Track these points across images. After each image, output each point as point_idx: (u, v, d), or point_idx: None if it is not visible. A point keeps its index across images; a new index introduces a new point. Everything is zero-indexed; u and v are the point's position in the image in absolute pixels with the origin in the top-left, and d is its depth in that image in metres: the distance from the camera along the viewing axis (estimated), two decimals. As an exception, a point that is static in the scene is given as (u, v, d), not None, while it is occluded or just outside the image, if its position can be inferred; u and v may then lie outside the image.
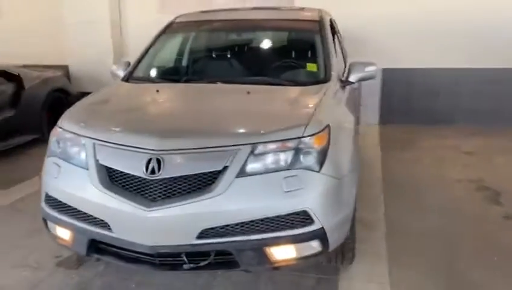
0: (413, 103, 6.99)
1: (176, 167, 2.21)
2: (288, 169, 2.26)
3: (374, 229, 3.45)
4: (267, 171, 2.25)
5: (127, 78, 3.34)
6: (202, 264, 2.26)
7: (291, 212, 2.24)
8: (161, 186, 2.21)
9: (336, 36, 4.09)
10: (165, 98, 2.98)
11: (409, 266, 2.93)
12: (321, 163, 2.33)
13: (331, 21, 4.06)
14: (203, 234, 2.19)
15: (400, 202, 3.93)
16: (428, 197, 4.07)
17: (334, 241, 2.43)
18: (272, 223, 2.23)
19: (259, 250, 2.24)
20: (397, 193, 4.14)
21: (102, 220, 2.29)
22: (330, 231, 2.36)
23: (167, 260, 2.27)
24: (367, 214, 3.65)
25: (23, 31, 7.71)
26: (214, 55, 3.79)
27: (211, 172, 2.20)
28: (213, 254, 2.25)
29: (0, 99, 5.39)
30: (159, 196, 2.20)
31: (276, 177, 2.24)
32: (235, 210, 2.19)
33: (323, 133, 2.41)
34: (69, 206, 2.41)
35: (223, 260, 2.27)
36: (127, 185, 2.26)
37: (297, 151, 2.31)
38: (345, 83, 3.25)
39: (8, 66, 5.70)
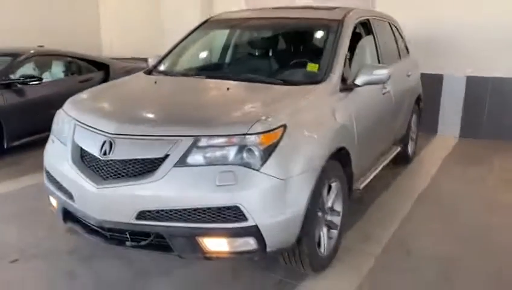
0: (503, 115, 6.21)
1: (125, 150, 2.41)
2: (225, 164, 2.30)
3: (371, 244, 3.25)
4: (207, 164, 2.32)
5: (150, 71, 3.64)
6: (142, 243, 2.42)
7: (222, 206, 2.28)
8: (111, 167, 2.43)
9: (375, 38, 3.90)
10: (151, 89, 3.19)
11: None
12: (263, 162, 2.32)
13: (367, 22, 3.88)
14: (141, 216, 2.35)
15: (422, 222, 3.62)
16: (461, 222, 3.66)
17: (274, 242, 2.40)
18: (204, 214, 2.30)
19: (191, 238, 2.33)
20: (428, 212, 3.81)
21: (70, 192, 2.60)
22: (267, 231, 2.34)
23: (115, 235, 2.48)
24: (376, 227, 3.46)
25: (131, 31, 8.76)
26: (225, 53, 3.90)
27: (154, 159, 2.35)
28: (153, 236, 2.40)
29: (89, 85, 6.22)
30: (110, 176, 2.43)
31: (211, 170, 2.30)
32: (169, 197, 2.31)
33: (272, 133, 2.38)
34: (54, 178, 2.77)
35: (160, 243, 2.40)
36: (89, 163, 2.53)
37: (240, 147, 2.33)
38: (350, 85, 3.11)
39: (99, 56, 6.52)
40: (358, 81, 3.13)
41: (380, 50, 3.97)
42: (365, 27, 3.90)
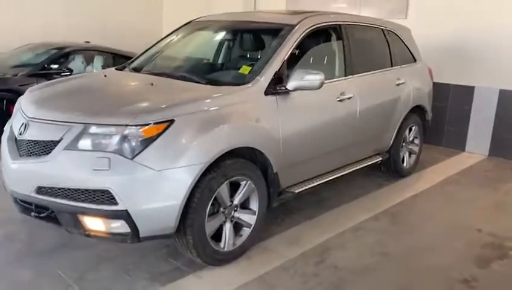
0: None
1: (33, 132, 2.75)
2: (105, 151, 2.53)
3: (293, 248, 3.26)
4: (93, 150, 2.57)
5: (122, 68, 3.98)
6: (42, 215, 2.74)
7: (96, 189, 2.51)
8: (24, 146, 2.78)
9: (344, 44, 3.85)
10: (94, 83, 3.47)
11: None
12: (137, 152, 2.51)
13: (335, 28, 3.84)
14: (39, 191, 2.66)
15: (361, 236, 3.51)
16: (405, 240, 3.49)
17: (147, 229, 2.58)
18: (83, 194, 2.55)
19: (73, 215, 2.59)
20: (377, 228, 3.67)
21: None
22: (138, 217, 2.53)
23: (25, 205, 2.83)
24: (311, 234, 3.45)
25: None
26: (179, 53, 4.08)
27: (51, 141, 2.66)
28: (50, 210, 2.70)
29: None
30: (24, 153, 2.78)
31: (92, 155, 2.54)
32: (58, 176, 2.59)
33: (153, 126, 2.56)
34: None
35: (55, 216, 2.70)
36: (14, 142, 2.91)
37: (122, 137, 2.54)
38: (279, 90, 3.16)
39: (130, 52, 7.08)
40: (289, 86, 3.16)
41: (350, 56, 3.88)
42: (330, 33, 3.85)
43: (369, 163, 4.27)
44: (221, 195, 2.83)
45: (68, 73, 6.18)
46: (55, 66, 6.32)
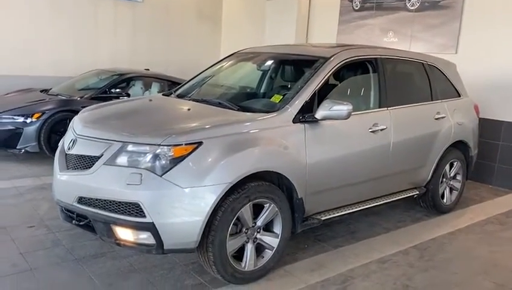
0: None
1: (79, 147, 3.07)
2: (137, 167, 2.78)
3: (313, 274, 3.31)
4: (128, 166, 2.83)
5: (169, 94, 4.29)
6: (81, 223, 3.02)
7: (128, 201, 2.76)
8: (71, 160, 3.11)
9: (379, 77, 3.93)
10: (139, 106, 3.78)
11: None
12: (167, 170, 2.73)
13: (371, 61, 3.94)
14: (80, 200, 2.95)
15: (386, 269, 3.49)
16: (430, 276, 3.42)
17: (170, 241, 2.77)
18: (116, 206, 2.80)
19: (107, 225, 2.84)
20: (403, 262, 3.64)
21: (55, 177, 3.36)
22: (163, 229, 2.73)
23: (68, 213, 3.12)
24: (335, 262, 3.49)
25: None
26: (221, 81, 4.33)
27: (93, 156, 2.95)
28: (88, 219, 2.98)
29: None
30: (70, 166, 3.11)
31: (127, 171, 2.79)
32: (96, 188, 2.87)
33: (182, 147, 2.78)
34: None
35: (92, 225, 2.96)
36: (64, 156, 3.24)
37: (154, 155, 2.79)
38: (308, 118, 3.29)
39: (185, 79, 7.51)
40: (317, 115, 3.28)
41: (385, 88, 3.95)
42: (365, 66, 3.95)
43: (404, 196, 4.24)
44: (243, 216, 2.98)
45: (126, 97, 6.69)
46: (116, 90, 6.88)
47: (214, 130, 2.94)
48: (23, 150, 5.85)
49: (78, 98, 6.45)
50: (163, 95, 4.27)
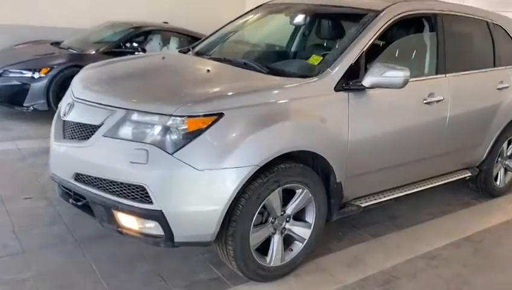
0: None
1: (76, 113, 2.56)
2: (143, 142, 2.26)
3: (351, 272, 2.81)
4: (133, 140, 2.31)
5: (186, 50, 3.70)
6: (79, 203, 2.55)
7: (131, 183, 2.25)
8: (68, 127, 2.60)
9: (438, 37, 3.26)
10: (150, 65, 3.20)
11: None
12: (179, 147, 2.21)
13: (430, 17, 3.26)
14: (77, 177, 2.47)
15: (434, 266, 2.97)
16: (489, 274, 2.89)
17: (182, 234, 2.28)
18: (118, 188, 2.30)
19: (107, 209, 2.36)
20: (455, 257, 3.11)
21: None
22: (174, 219, 2.24)
23: (65, 190, 2.65)
24: (375, 256, 3.00)
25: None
26: (246, 37, 3.68)
27: (92, 125, 2.44)
28: (87, 199, 2.50)
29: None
30: (67, 136, 2.61)
31: (130, 146, 2.27)
32: (95, 164, 2.37)
33: (199, 119, 2.24)
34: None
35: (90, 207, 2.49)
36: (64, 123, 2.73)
37: (163, 128, 2.25)
38: (354, 86, 2.69)
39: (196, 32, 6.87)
40: (365, 82, 2.67)
41: (443, 51, 3.28)
42: (422, 23, 3.27)
43: (455, 178, 3.64)
44: (271, 203, 2.46)
45: (141, 53, 6.13)
46: (131, 45, 6.31)
47: (238, 98, 2.38)
48: (30, 108, 5.41)
49: (90, 53, 5.92)
50: (179, 52, 3.68)
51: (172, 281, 2.56)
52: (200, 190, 2.22)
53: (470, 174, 3.76)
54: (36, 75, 5.38)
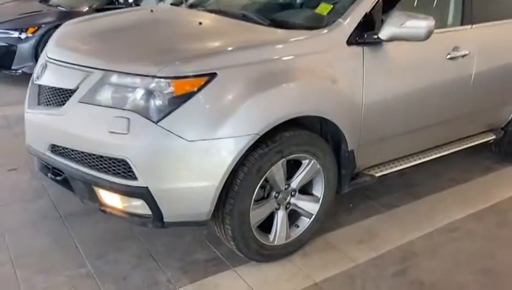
0: None
1: (49, 76, 2.23)
2: (123, 108, 1.93)
3: (363, 248, 2.54)
4: (112, 106, 1.98)
5: (179, 2, 3.30)
6: (57, 179, 2.27)
7: (112, 156, 1.96)
8: (42, 92, 2.28)
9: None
10: (136, 19, 2.84)
11: None
12: (164, 114, 1.88)
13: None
14: (53, 149, 2.18)
15: (453, 240, 2.69)
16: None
17: (173, 213, 2.00)
18: (98, 161, 2.01)
19: (88, 185, 2.08)
20: (477, 229, 2.82)
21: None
22: (162, 197, 1.95)
23: (45, 164, 2.37)
24: (390, 231, 2.71)
25: None
26: None
27: (66, 89, 2.11)
28: (65, 174, 2.22)
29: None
30: (42, 101, 2.29)
31: (109, 113, 1.96)
32: (71, 135, 2.06)
33: (188, 80, 1.90)
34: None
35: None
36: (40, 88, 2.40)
37: (147, 92, 1.92)
38: (368, 39, 2.32)
39: None
40: (382, 34, 2.30)
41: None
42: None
43: (478, 142, 3.30)
44: (273, 176, 2.16)
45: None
46: (126, 0, 5.88)
47: (234, 55, 2.03)
48: (19, 71, 5.07)
49: (82, 10, 5.51)
50: (171, 4, 3.28)
51: (165, 262, 2.31)
52: (191, 163, 1.92)
53: (494, 136, 3.41)
54: (23, 36, 5.03)
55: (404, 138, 2.73)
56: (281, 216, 2.29)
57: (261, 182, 2.10)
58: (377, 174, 2.65)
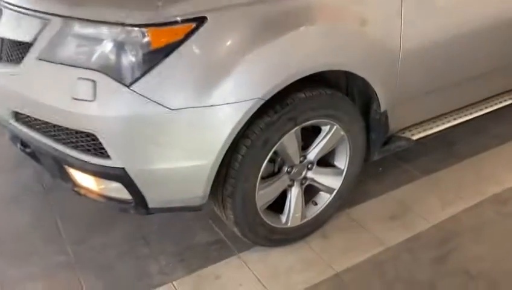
0: None
1: (5, 25, 1.79)
2: (87, 67, 1.49)
3: (396, 227, 2.13)
4: (71, 64, 1.54)
5: None
6: (27, 150, 1.89)
7: (78, 129, 1.55)
8: (3, 45, 1.84)
9: None
10: None
11: None
12: (139, 74, 1.44)
13: None
14: (17, 117, 1.78)
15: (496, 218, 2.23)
16: None
17: (158, 198, 1.62)
18: (65, 135, 1.61)
19: (57, 163, 1.70)
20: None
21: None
22: (143, 180, 1.55)
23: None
24: (430, 203, 2.28)
25: None
26: None
27: (23, 43, 1.67)
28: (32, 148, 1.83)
29: None
30: (3, 57, 1.86)
31: (71, 73, 1.52)
32: (30, 100, 1.65)
33: (171, 28, 1.43)
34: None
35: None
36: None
37: (116, 44, 1.47)
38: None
39: None
40: None
41: None
42: None
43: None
44: (285, 149, 1.72)
45: None
46: None
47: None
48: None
49: None
50: None
51: (159, 247, 1.96)
52: (177, 138, 1.50)
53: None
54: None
55: (449, 91, 2.22)
56: (295, 194, 1.88)
57: (268, 157, 1.68)
58: (414, 137, 2.18)
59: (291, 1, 1.56)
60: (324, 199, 1.99)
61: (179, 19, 1.42)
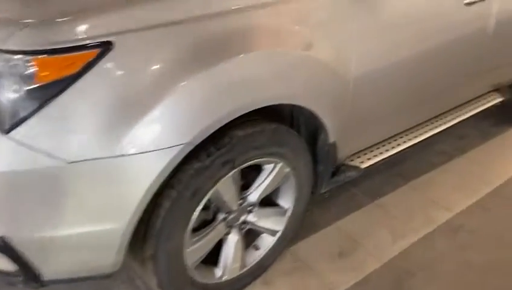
0: None
1: None
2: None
3: (350, 273, 1.90)
4: None
5: None
6: None
7: None
8: None
9: None
10: None
11: None
12: (22, 116, 1.07)
13: None
14: None
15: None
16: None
17: (56, 268, 1.26)
18: None
19: None
20: (497, 214, 2.23)
21: None
22: (32, 249, 1.20)
23: None
24: (399, 235, 2.07)
25: None
26: None
27: None
28: None
29: None
30: None
31: None
32: None
33: (66, 56, 1.07)
34: None
35: None
36: None
37: (-7, 75, 1.09)
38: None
39: None
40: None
41: None
42: None
43: (486, 106, 2.62)
44: (220, 196, 1.43)
45: None
46: None
47: (144, 10, 1.17)
48: None
49: None
50: None
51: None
52: (77, 198, 1.15)
53: (502, 99, 2.73)
54: None
55: (403, 112, 2.02)
56: (233, 242, 1.59)
57: (199, 208, 1.37)
58: (363, 165, 1.95)
59: (223, 21, 1.24)
60: (267, 242, 1.72)
61: (71, 44, 1.06)
